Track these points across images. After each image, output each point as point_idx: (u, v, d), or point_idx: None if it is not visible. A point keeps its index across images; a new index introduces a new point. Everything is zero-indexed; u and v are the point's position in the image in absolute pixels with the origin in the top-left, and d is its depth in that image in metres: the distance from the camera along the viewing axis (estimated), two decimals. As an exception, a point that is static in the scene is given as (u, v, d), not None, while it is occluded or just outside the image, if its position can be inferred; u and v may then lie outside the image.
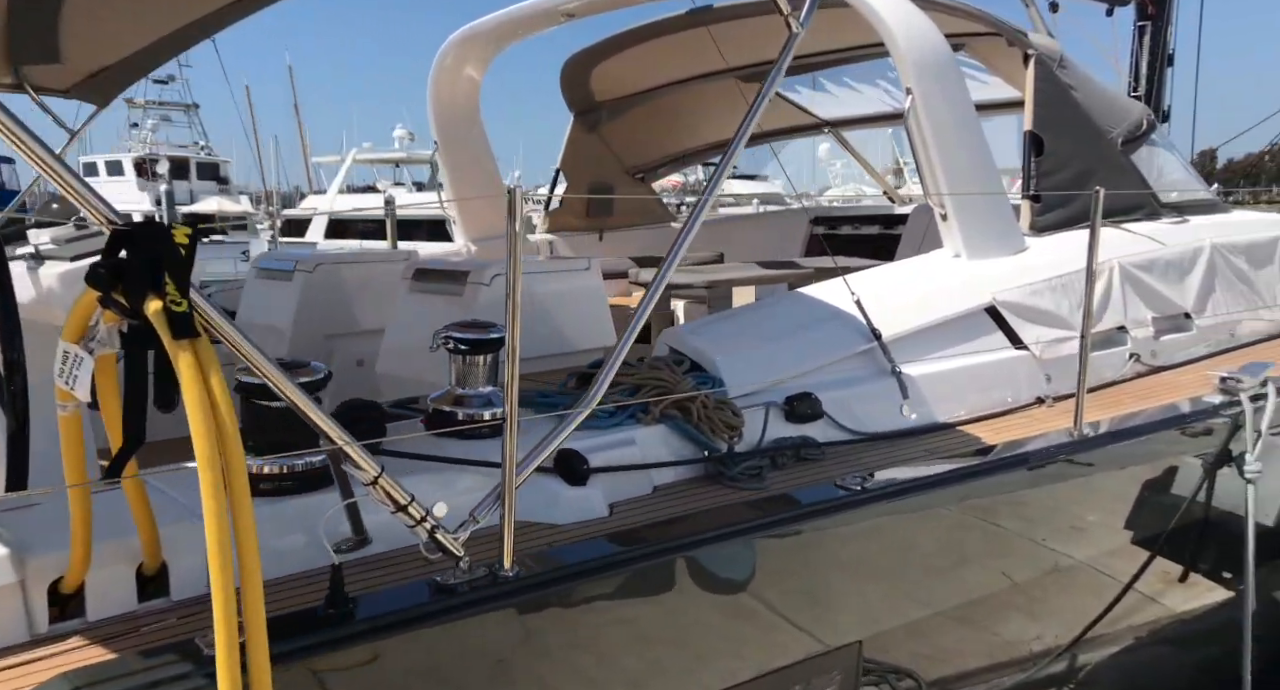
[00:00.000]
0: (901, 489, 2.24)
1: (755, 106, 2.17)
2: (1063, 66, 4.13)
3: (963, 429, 2.92)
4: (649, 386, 2.38)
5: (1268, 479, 3.41)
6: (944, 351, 3.11)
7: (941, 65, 3.51)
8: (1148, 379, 3.66)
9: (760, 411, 2.54)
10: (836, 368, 2.83)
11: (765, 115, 7.08)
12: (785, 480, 2.38)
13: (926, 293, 3.29)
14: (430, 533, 1.54)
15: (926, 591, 2.66)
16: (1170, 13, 6.87)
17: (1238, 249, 4.37)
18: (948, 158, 3.48)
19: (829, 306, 3.04)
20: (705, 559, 1.98)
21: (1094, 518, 3.19)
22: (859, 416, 2.76)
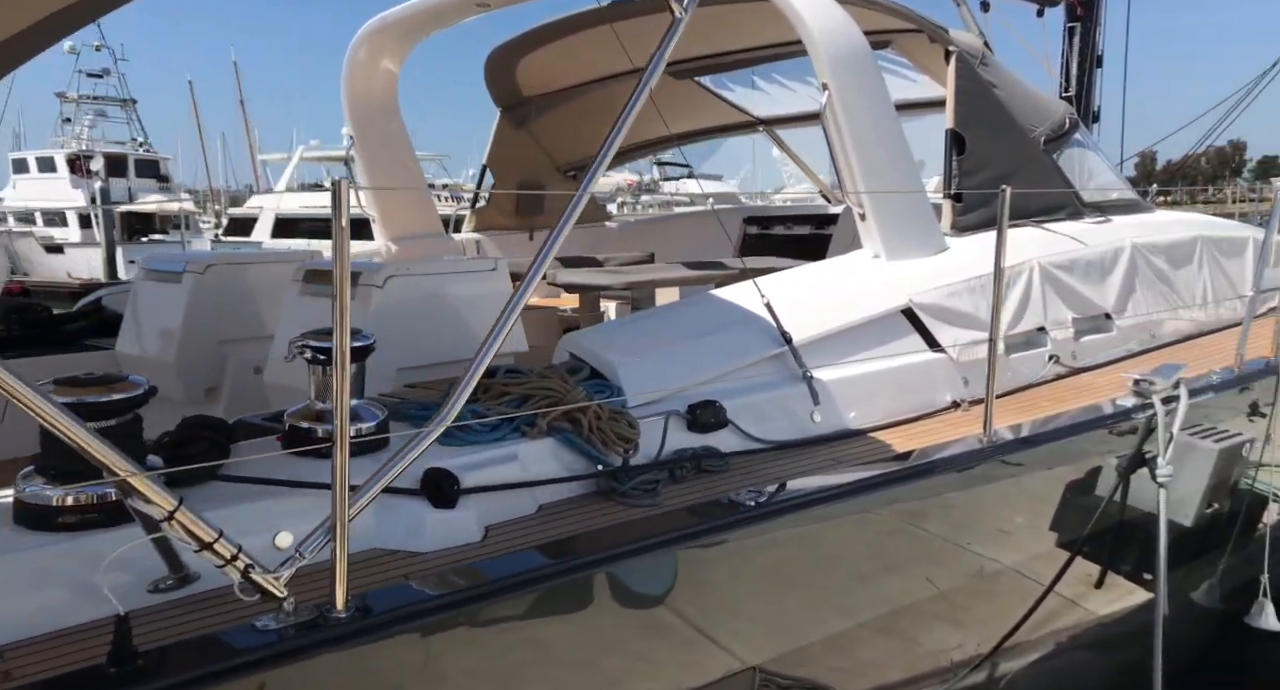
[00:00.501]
0: (795, 504, 2.13)
1: (636, 94, 2.04)
2: (985, 64, 4.08)
3: (874, 435, 2.83)
4: (538, 397, 2.23)
5: (1184, 478, 3.40)
6: (858, 355, 3.02)
7: (858, 60, 3.42)
8: (1067, 380, 3.62)
9: (660, 421, 2.41)
10: (745, 373, 2.72)
11: (700, 113, 7.00)
12: (683, 494, 2.26)
13: (842, 295, 3.20)
14: (243, 572, 1.37)
15: (849, 601, 2.57)
16: (1099, 14, 6.92)
17: (1158, 249, 4.37)
18: (865, 156, 3.40)
19: (739, 309, 2.93)
20: (584, 585, 1.85)
21: (1021, 520, 3.13)
22: (767, 424, 2.66)
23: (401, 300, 3.00)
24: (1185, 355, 4.10)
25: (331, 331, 2.11)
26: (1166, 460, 2.94)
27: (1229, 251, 4.83)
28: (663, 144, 6.60)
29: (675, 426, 2.46)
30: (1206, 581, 3.75)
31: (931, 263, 3.51)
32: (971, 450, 2.60)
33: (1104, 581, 3.28)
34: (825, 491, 2.23)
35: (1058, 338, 3.69)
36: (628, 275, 4.29)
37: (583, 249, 5.86)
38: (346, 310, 1.45)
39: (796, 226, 5.94)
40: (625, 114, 2.05)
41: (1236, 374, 3.51)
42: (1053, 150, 4.34)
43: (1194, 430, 3.41)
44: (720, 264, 4.53)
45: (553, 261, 4.98)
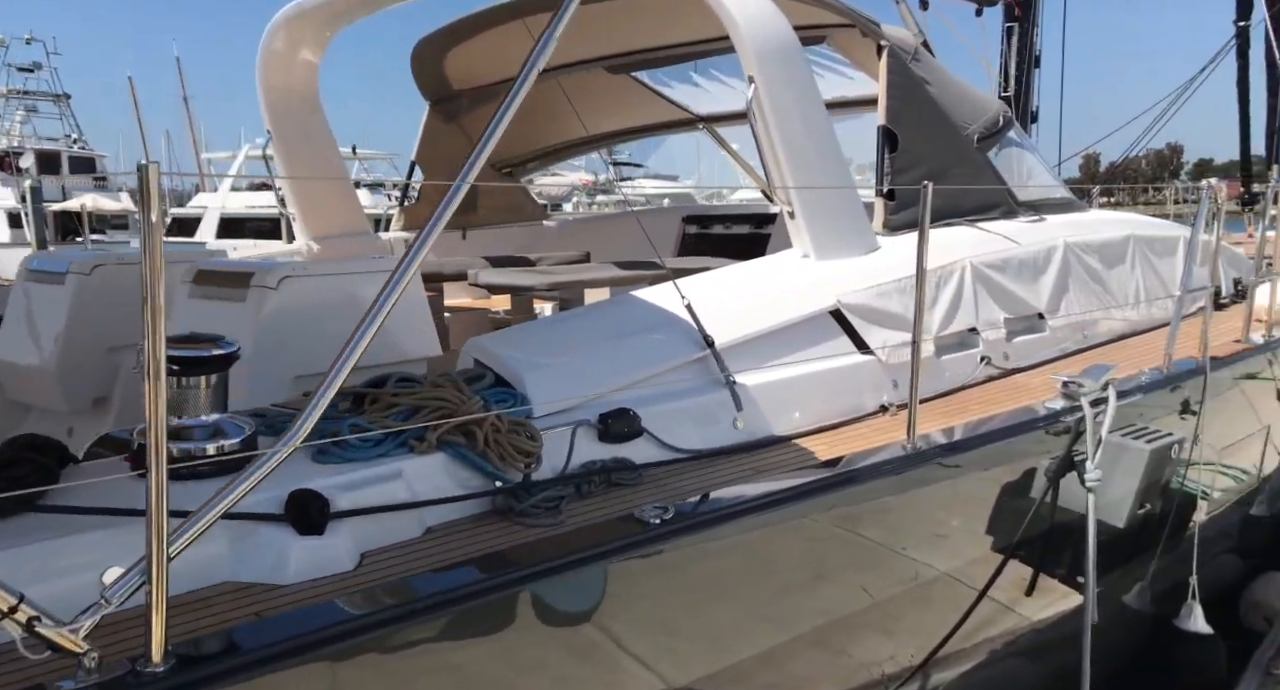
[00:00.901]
0: (704, 520, 2.00)
1: (523, 76, 1.89)
2: (917, 59, 4.01)
3: (799, 442, 2.71)
4: (429, 408, 2.07)
5: (1116, 480, 3.35)
6: (784, 358, 2.91)
7: (785, 53, 3.31)
8: (1000, 382, 3.56)
9: (569, 432, 2.26)
10: (663, 379, 2.58)
11: (638, 110, 6.82)
12: (589, 510, 2.11)
13: (768, 296, 3.08)
14: (27, 626, 1.17)
15: (781, 614, 2.45)
16: (1035, 14, 6.95)
17: (1091, 248, 4.34)
18: (793, 152, 3.29)
19: (661, 312, 2.79)
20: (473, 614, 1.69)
21: (956, 523, 3.05)
22: (685, 432, 2.52)
23: (299, 303, 2.80)
24: (1117, 355, 4.08)
25: (186, 339, 1.94)
26: (1095, 464, 2.88)
27: (1161, 251, 4.84)
28: (601, 141, 6.45)
29: (585, 437, 2.32)
30: (1138, 584, 3.72)
31: (862, 262, 3.42)
32: (894, 458, 2.49)
33: (1036, 587, 3.21)
34: (737, 505, 2.10)
35: (990, 338, 3.63)
36: (555, 276, 4.13)
37: (520, 248, 5.69)
38: (159, 313, 1.28)
39: (736, 226, 5.84)
40: (509, 99, 1.90)
41: (1165, 374, 3.48)
42: (987, 148, 4.29)
43: (1126, 430, 3.37)
44: (654, 264, 4.40)
45: (480, 261, 4.84)
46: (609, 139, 6.47)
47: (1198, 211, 3.53)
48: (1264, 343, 4.23)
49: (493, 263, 4.80)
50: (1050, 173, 4.98)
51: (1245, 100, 8.71)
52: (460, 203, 6.31)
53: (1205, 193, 3.47)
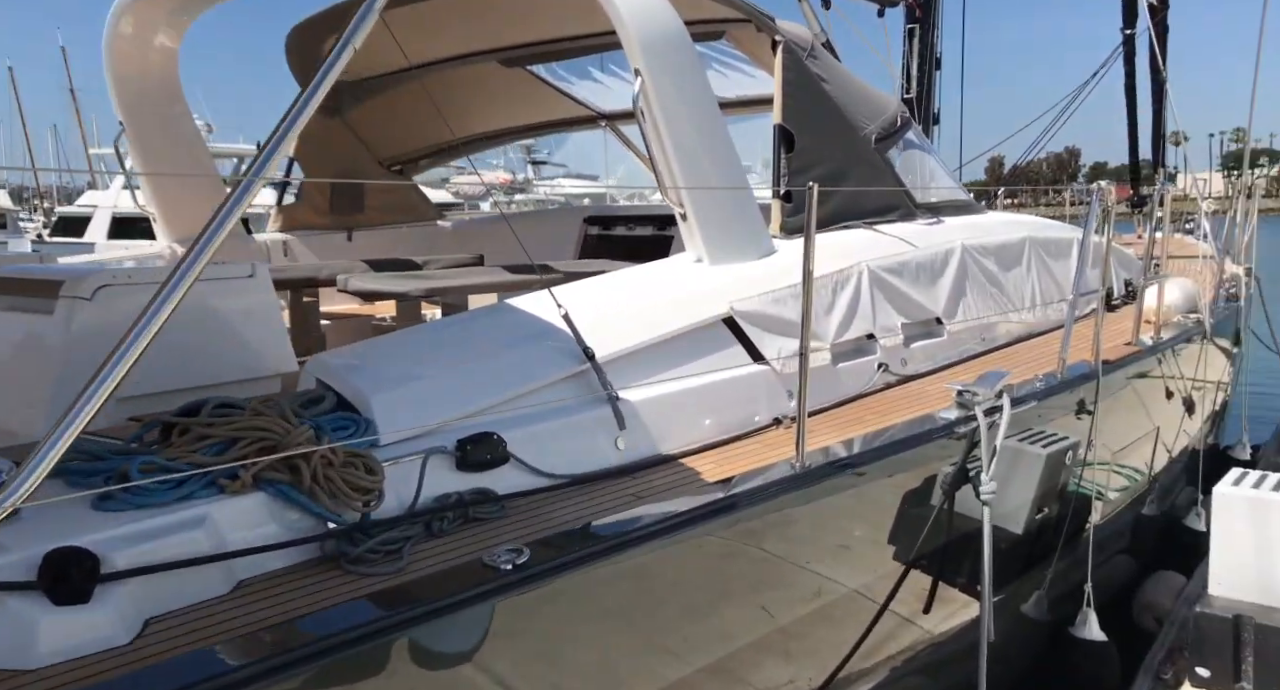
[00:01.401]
0: (566, 562, 1.78)
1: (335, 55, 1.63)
2: (813, 57, 3.89)
3: (686, 462, 2.52)
4: (247, 440, 1.79)
5: (1014, 485, 3.30)
6: (673, 371, 2.72)
7: (673, 45, 3.12)
8: (897, 390, 3.46)
9: (420, 463, 2.01)
10: (536, 397, 2.35)
11: (536, 105, 6.48)
12: (442, 551, 1.87)
13: (657, 303, 2.89)
14: None
15: (679, 641, 2.26)
16: (935, 17, 6.99)
17: (988, 251, 4.31)
18: (683, 150, 3.11)
19: (538, 322, 2.56)
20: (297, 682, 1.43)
21: (860, 533, 2.92)
22: (561, 456, 2.30)
23: (119, 315, 2.46)
24: (1015, 359, 4.05)
25: None
26: (990, 475, 2.78)
27: (1055, 253, 4.87)
28: (499, 137, 6.18)
29: (440, 467, 2.07)
30: (1036, 592, 3.69)
31: (757, 267, 3.26)
32: (783, 478, 2.33)
33: (936, 600, 3.12)
34: (610, 539, 1.89)
35: (887, 345, 3.53)
36: (438, 280, 3.85)
37: (412, 250, 5.36)
38: None
39: (639, 227, 5.65)
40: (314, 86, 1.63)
41: (1059, 379, 3.44)
42: (885, 149, 4.21)
43: (1023, 435, 3.31)
44: (547, 268, 4.17)
45: (360, 264, 4.51)
46: (507, 136, 6.20)
47: (1087, 214, 3.51)
48: (1153, 344, 4.27)
49: (376, 266, 4.48)
50: (949, 174, 4.96)
51: (1133, 105, 9.01)
52: (344, 202, 5.91)
53: (1095, 196, 3.44)
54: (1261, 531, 3.45)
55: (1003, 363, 3.98)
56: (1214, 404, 5.98)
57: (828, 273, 3.39)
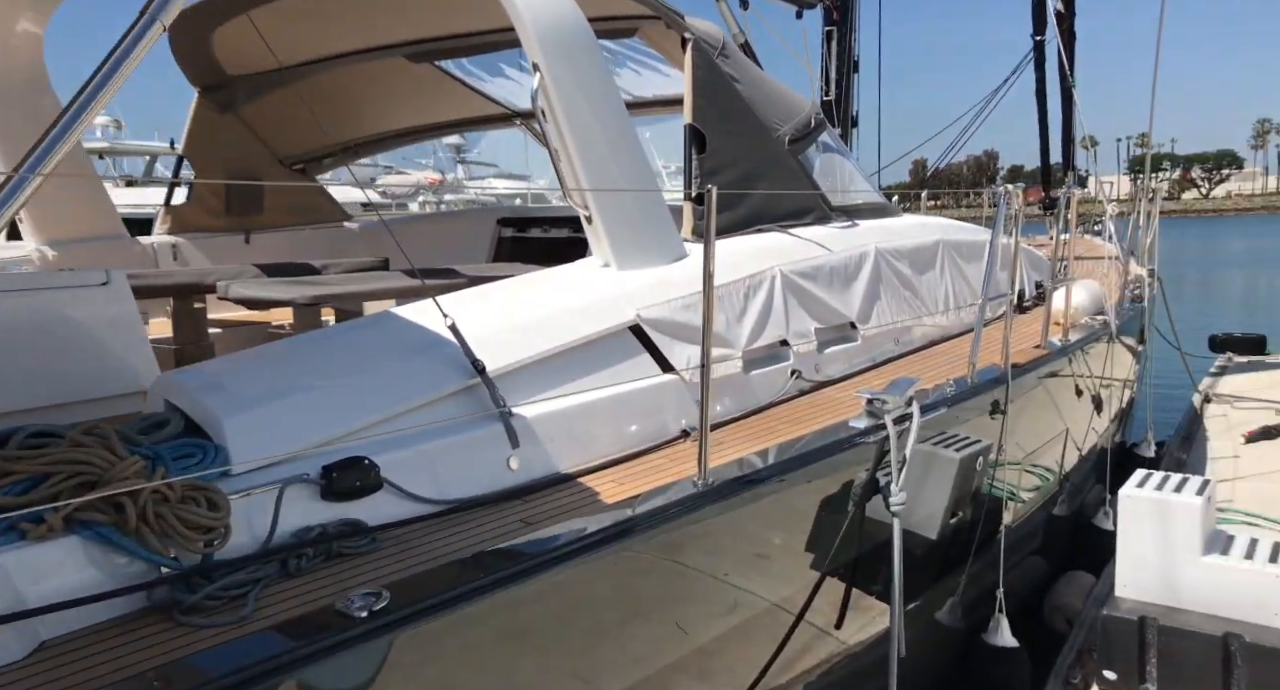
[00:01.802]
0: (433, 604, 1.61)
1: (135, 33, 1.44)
2: (725, 56, 3.79)
3: (585, 480, 2.38)
4: (61, 475, 1.57)
5: (928, 490, 3.25)
6: (574, 383, 2.57)
7: (574, 38, 2.98)
8: (811, 396, 3.39)
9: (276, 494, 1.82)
10: (418, 416, 2.17)
11: (451, 103, 6.21)
12: (300, 592, 1.68)
13: (558, 311, 2.74)
14: None
15: (590, 666, 2.11)
16: (853, 19, 7.02)
17: (902, 254, 4.30)
18: (586, 149, 2.96)
19: (423, 333, 2.38)
20: None
21: (779, 541, 2.82)
22: (445, 479, 2.13)
23: None
24: (928, 362, 4.04)
25: None
26: (900, 485, 2.72)
27: (969, 255, 4.90)
28: (409, 135, 5.93)
29: (303, 497, 1.88)
30: (950, 599, 3.67)
31: (667, 272, 3.14)
32: (684, 498, 2.21)
33: (850, 613, 3.05)
34: (482, 576, 1.73)
35: (801, 350, 3.45)
36: (329, 286, 3.62)
37: (315, 253, 5.09)
38: None
39: (554, 229, 5.48)
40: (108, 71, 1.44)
41: (970, 384, 3.42)
42: (799, 150, 4.14)
43: (937, 439, 3.28)
44: (453, 272, 3.97)
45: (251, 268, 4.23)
46: (418, 134, 5.96)
47: (995, 217, 3.50)
48: (1061, 346, 4.32)
49: (270, 271, 4.21)
50: (864, 177, 4.94)
51: (1043, 110, 9.26)
52: (241, 202, 5.58)
53: (1001, 199, 3.44)
54: (1165, 533, 3.50)
55: (917, 366, 3.96)
56: (1121, 402, 6.15)
57: (740, 278, 3.30)
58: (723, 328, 3.12)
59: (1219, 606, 3.34)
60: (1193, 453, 6.79)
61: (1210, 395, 8.60)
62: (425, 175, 34.63)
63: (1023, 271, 5.64)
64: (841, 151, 4.85)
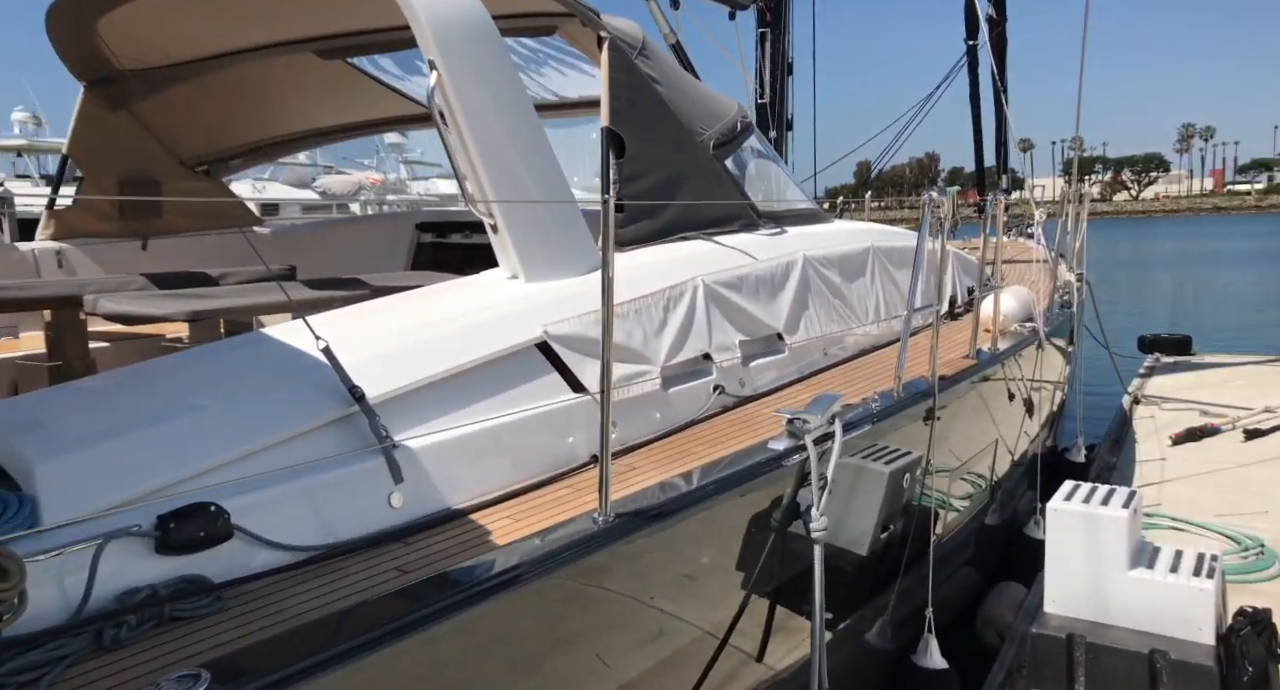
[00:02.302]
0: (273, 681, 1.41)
1: None
2: (645, 55, 3.63)
3: (478, 517, 2.19)
4: None
5: (857, 505, 3.14)
6: (470, 408, 2.38)
7: (474, 33, 2.78)
8: (734, 413, 3.24)
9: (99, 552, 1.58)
10: (283, 452, 1.95)
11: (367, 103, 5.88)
12: (113, 673, 1.45)
13: (457, 328, 2.53)
14: None
15: None
16: (786, 21, 6.93)
17: (831, 262, 4.19)
18: (490, 152, 2.77)
19: (297, 356, 2.16)
20: None
21: (707, 560, 2.66)
22: (312, 523, 1.92)
23: None
24: (858, 373, 3.93)
25: None
26: (821, 509, 2.58)
27: (899, 261, 4.83)
28: (325, 136, 5.64)
29: (137, 552, 1.65)
30: (880, 619, 3.56)
31: (580, 284, 2.96)
32: (582, 537, 2.03)
33: (773, 642, 2.91)
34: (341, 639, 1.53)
35: (724, 365, 3.31)
36: (217, 299, 3.35)
37: (219, 260, 4.77)
38: None
39: (476, 234, 5.26)
40: None
41: (896, 399, 3.31)
42: (724, 155, 4.00)
43: (866, 451, 3.16)
44: (358, 282, 3.73)
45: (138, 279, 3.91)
46: (333, 134, 5.66)
47: (920, 226, 3.40)
48: (990, 355, 4.26)
49: (161, 281, 3.91)
50: (793, 182, 4.83)
51: (977, 113, 9.34)
52: (136, 205, 5.18)
53: (926, 206, 3.34)
54: (1092, 546, 3.45)
55: (845, 378, 3.86)
56: (1052, 406, 6.16)
57: (659, 289, 3.14)
58: (640, 343, 2.96)
59: (1146, 621, 3.30)
60: (1122, 456, 6.88)
61: (1139, 396, 8.76)
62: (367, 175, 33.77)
63: (955, 277, 5.60)
64: (770, 156, 4.73)
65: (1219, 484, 6.10)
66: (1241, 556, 4.74)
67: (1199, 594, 3.22)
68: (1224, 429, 7.32)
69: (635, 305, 3.00)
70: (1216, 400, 8.18)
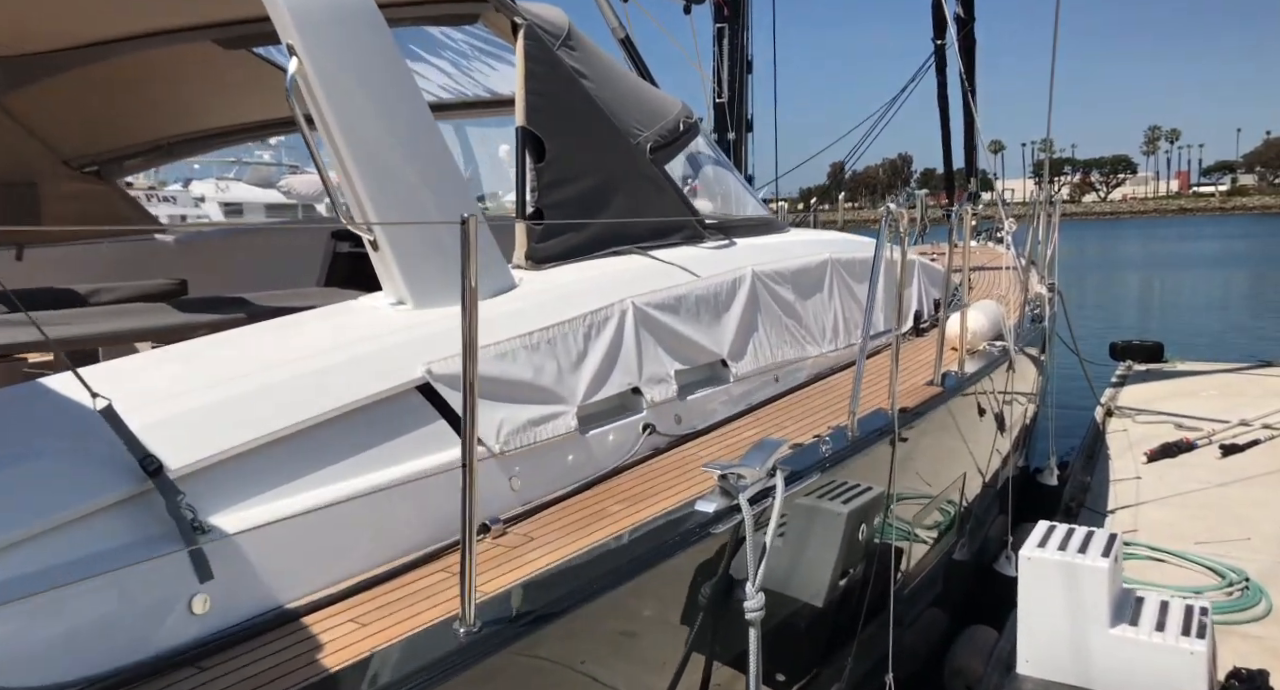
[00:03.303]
0: None
1: None
2: (571, 46, 3.20)
3: (311, 623, 1.73)
4: None
5: (811, 548, 2.74)
6: (319, 473, 1.92)
7: (346, 11, 2.33)
8: (667, 457, 2.83)
9: None
10: (40, 546, 1.49)
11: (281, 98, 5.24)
12: None
13: (307, 371, 2.06)
14: None
15: None
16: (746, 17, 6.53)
17: (784, 277, 3.79)
18: (367, 155, 2.32)
19: (80, 415, 1.69)
20: None
21: (649, 613, 2.23)
22: (78, 644, 1.47)
23: None
24: (813, 402, 3.53)
25: None
26: (758, 584, 2.17)
27: (861, 274, 4.44)
28: (233, 135, 5.14)
29: None
30: (835, 685, 3.16)
31: (483, 309, 2.51)
32: (439, 657, 1.58)
33: None
34: None
35: (657, 399, 2.89)
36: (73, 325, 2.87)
37: (106, 272, 4.28)
38: None
39: None
40: None
41: (850, 440, 2.91)
42: (664, 159, 3.58)
43: (822, 489, 2.77)
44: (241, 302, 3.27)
45: None
46: (245, 133, 5.17)
47: (877, 244, 3.00)
48: (958, 380, 3.88)
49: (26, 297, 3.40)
50: (745, 188, 4.42)
51: (945, 115, 9.03)
52: (10, 210, 4.53)
53: (884, 220, 2.95)
54: (1071, 601, 3.08)
55: (800, 408, 3.46)
56: (1023, 425, 5.82)
57: (578, 314, 2.71)
58: (552, 379, 2.53)
59: (1131, 686, 2.93)
60: (1096, 475, 6.57)
61: (1112, 408, 8.50)
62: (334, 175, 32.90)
63: (922, 290, 5.24)
64: (720, 161, 4.33)
65: (1197, 506, 5.80)
66: (1225, 593, 4.42)
67: (1189, 657, 2.87)
68: (1199, 444, 7.06)
69: (548, 334, 2.57)
70: (1191, 412, 7.94)
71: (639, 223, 3.32)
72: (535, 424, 2.40)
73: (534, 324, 2.54)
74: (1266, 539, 5.14)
